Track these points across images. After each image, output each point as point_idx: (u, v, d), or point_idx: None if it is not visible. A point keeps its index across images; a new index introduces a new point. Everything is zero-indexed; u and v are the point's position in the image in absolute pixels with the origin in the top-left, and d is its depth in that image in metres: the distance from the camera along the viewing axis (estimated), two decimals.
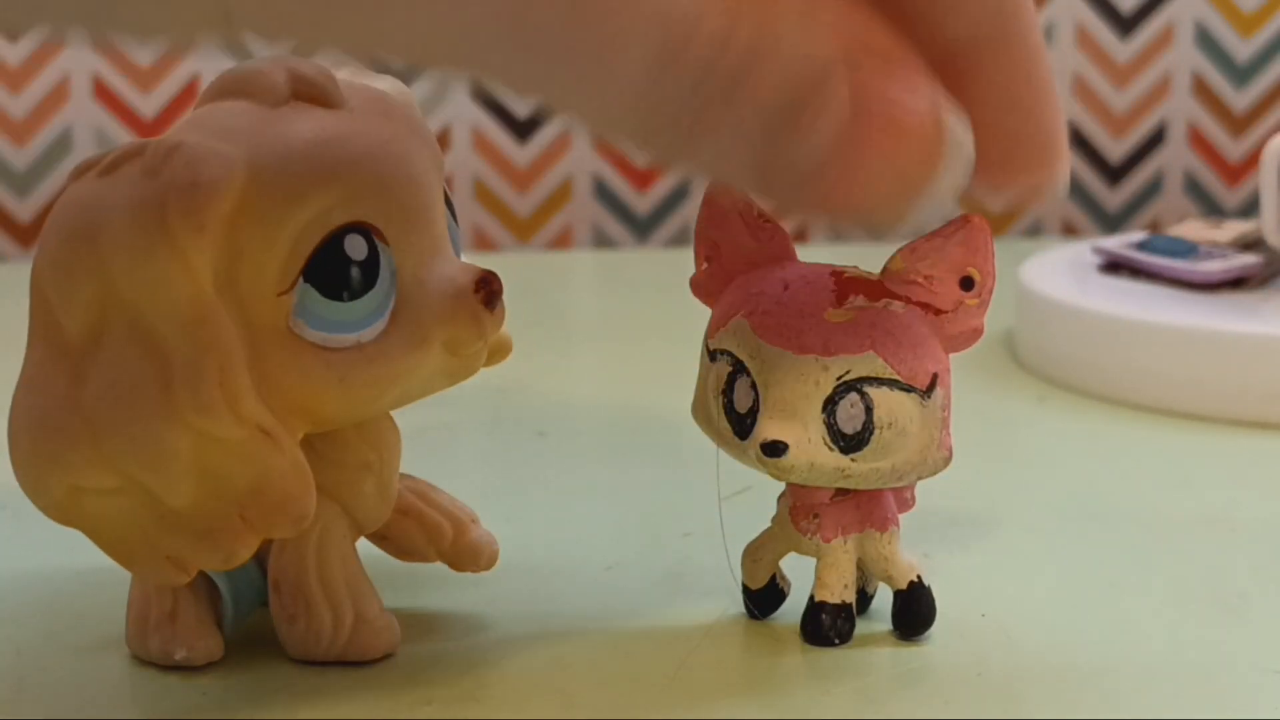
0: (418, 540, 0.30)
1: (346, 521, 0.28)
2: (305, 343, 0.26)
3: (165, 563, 0.26)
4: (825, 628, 0.29)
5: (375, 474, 0.28)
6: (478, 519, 0.31)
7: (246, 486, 0.25)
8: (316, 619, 0.28)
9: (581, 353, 0.56)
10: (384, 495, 0.29)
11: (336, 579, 0.28)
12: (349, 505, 0.28)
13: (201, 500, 0.25)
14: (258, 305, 0.25)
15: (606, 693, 0.27)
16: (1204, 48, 0.76)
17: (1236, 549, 0.35)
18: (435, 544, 0.30)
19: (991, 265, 0.28)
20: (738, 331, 0.28)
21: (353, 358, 0.26)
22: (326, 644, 0.28)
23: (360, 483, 0.28)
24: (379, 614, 0.28)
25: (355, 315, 0.26)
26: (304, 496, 0.26)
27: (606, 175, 0.75)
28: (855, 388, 0.27)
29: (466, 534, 0.30)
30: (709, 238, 0.29)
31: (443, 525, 0.30)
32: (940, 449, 0.28)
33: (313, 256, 0.26)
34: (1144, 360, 0.46)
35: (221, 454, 0.25)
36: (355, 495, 0.28)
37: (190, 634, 0.28)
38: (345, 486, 0.28)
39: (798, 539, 0.29)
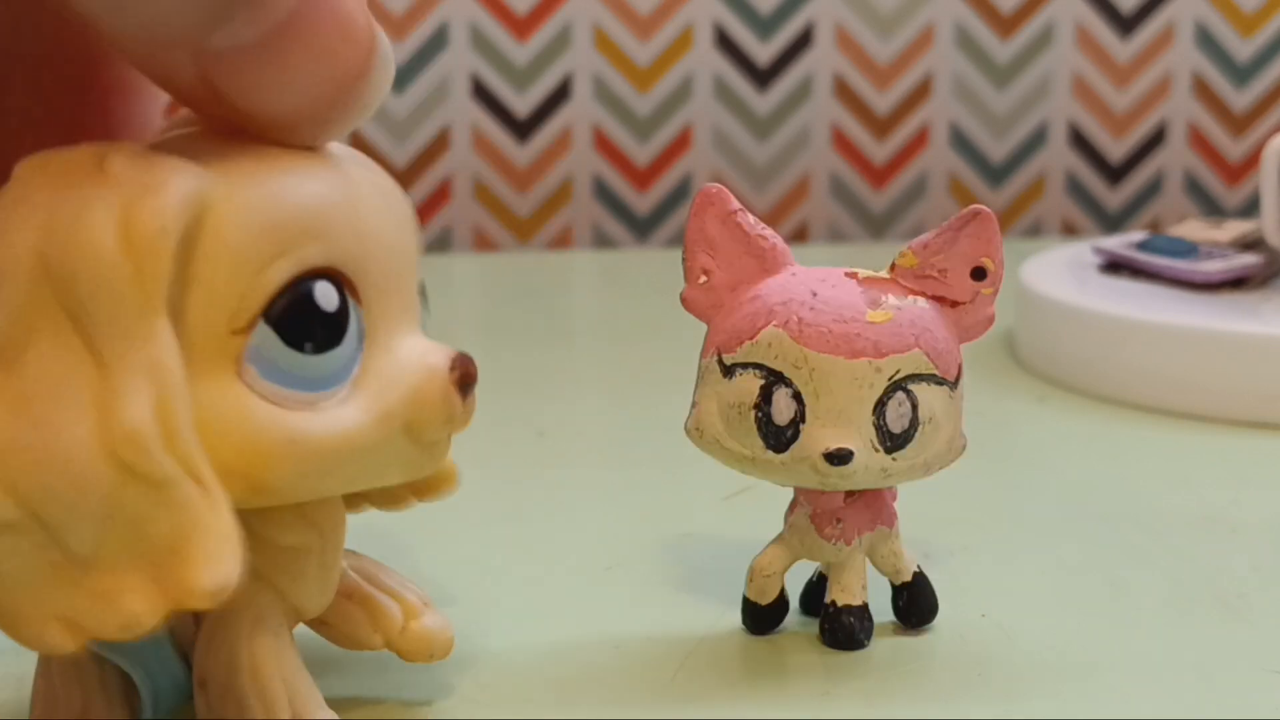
0: (363, 627, 0.27)
1: (283, 608, 0.25)
2: (255, 393, 0.22)
3: (53, 624, 0.21)
4: (854, 630, 0.29)
5: (317, 556, 0.25)
6: (430, 602, 0.27)
7: (164, 542, 0.21)
8: (248, 717, 0.24)
9: (581, 353, 0.56)
10: (326, 579, 0.25)
11: (271, 676, 0.24)
12: (287, 590, 0.25)
13: (108, 550, 0.21)
14: (205, 341, 0.22)
15: (606, 693, 0.27)
16: (1204, 48, 0.76)
17: (1236, 549, 0.35)
18: (383, 631, 0.27)
19: (1001, 254, 0.28)
20: (772, 343, 0.28)
21: (307, 420, 0.22)
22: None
23: (300, 566, 0.25)
24: (316, 712, 0.25)
25: (316, 372, 0.23)
26: (229, 564, 0.21)
27: (606, 175, 0.75)
28: (902, 386, 0.27)
29: (417, 620, 0.27)
30: (703, 250, 0.29)
31: (391, 611, 0.27)
32: (960, 438, 0.29)
33: (277, 296, 0.22)
34: (1144, 360, 0.46)
35: (143, 498, 0.21)
36: (294, 580, 0.25)
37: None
38: (283, 570, 0.25)
39: (819, 547, 0.29)
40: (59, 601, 0.21)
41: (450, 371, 0.24)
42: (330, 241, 0.23)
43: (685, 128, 0.75)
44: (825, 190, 0.76)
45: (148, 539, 0.21)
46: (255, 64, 0.21)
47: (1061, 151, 0.77)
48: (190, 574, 0.21)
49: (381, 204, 0.24)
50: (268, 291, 0.22)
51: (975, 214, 0.28)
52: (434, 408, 0.24)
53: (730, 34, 0.74)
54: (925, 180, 0.77)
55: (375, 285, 0.23)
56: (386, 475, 0.24)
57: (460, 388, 0.24)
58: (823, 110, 0.75)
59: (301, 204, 0.22)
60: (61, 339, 0.21)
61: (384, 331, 0.24)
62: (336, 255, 0.23)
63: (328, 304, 0.23)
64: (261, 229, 0.22)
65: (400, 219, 0.24)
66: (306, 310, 0.22)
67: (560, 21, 0.73)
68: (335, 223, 0.23)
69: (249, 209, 0.22)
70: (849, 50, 0.75)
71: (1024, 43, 0.76)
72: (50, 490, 0.21)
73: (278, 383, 0.22)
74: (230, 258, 0.22)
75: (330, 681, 0.28)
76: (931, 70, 0.76)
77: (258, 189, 0.22)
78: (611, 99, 0.74)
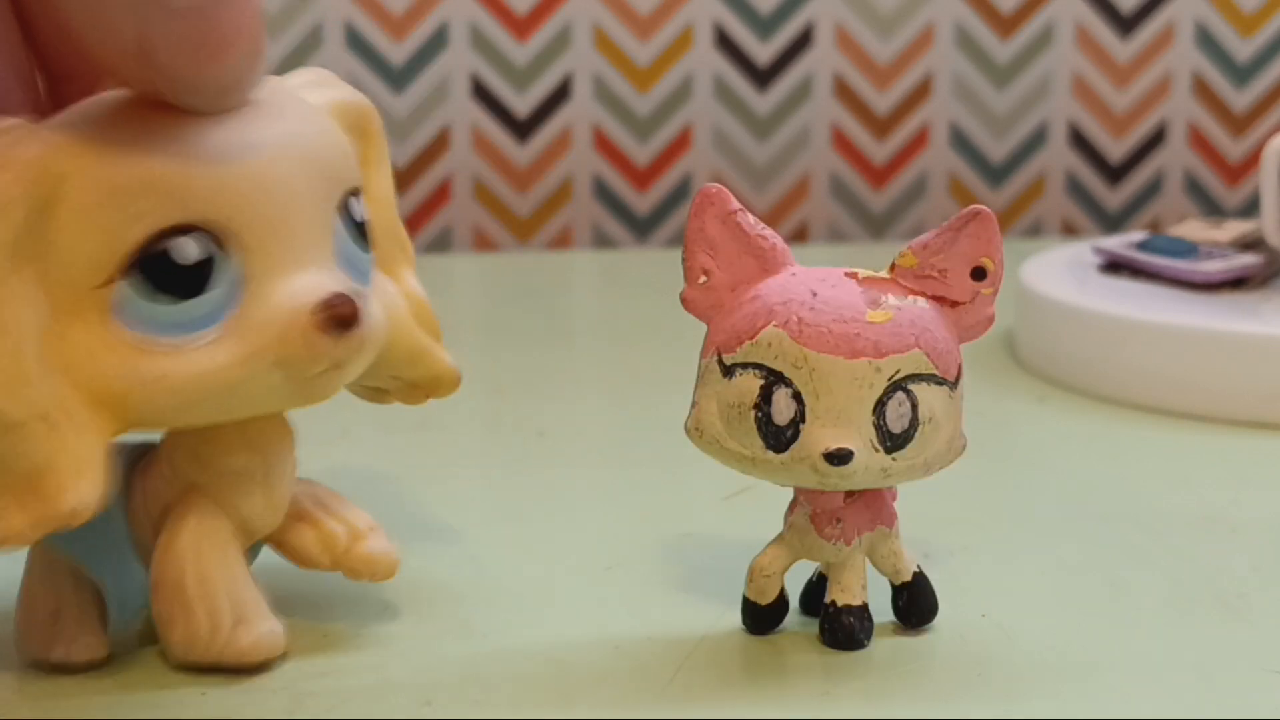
0: (312, 548, 0.29)
1: (230, 525, 0.28)
2: (121, 340, 0.25)
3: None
4: (855, 630, 0.29)
5: (259, 479, 0.28)
6: (377, 528, 0.30)
7: (22, 474, 0.24)
8: (193, 621, 0.27)
9: (581, 353, 0.56)
10: (271, 501, 0.28)
11: (215, 581, 0.27)
12: (234, 508, 0.28)
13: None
14: (70, 295, 0.25)
15: (606, 693, 0.27)
16: (1204, 48, 0.76)
17: (1236, 549, 0.35)
18: (330, 552, 0.29)
19: (1001, 254, 0.28)
20: (772, 343, 0.28)
21: (172, 362, 0.25)
22: (202, 648, 0.27)
23: (242, 486, 0.28)
24: (261, 619, 0.28)
25: (178, 318, 0.25)
26: (84, 489, 0.24)
27: (606, 175, 0.75)
28: (901, 386, 0.27)
29: (362, 543, 0.29)
30: (703, 250, 0.29)
31: (337, 533, 0.29)
32: (960, 438, 0.29)
33: (134, 253, 0.25)
34: (1144, 360, 0.46)
35: (1, 436, 0.24)
36: (239, 500, 0.28)
37: (70, 633, 0.28)
38: (226, 491, 0.28)
39: (819, 547, 0.29)
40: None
41: (317, 310, 0.26)
42: (194, 199, 0.25)
43: (685, 128, 0.75)
44: (825, 190, 0.76)
45: (10, 470, 0.24)
46: (193, 28, 0.24)
47: (1061, 151, 0.77)
48: (48, 501, 0.24)
49: (270, 158, 0.26)
50: (123, 250, 0.25)
51: (975, 214, 0.28)
52: (297, 346, 0.26)
53: (730, 34, 0.74)
54: (925, 180, 0.77)
55: (255, 234, 0.25)
56: (265, 406, 0.27)
57: (331, 328, 0.26)
58: (823, 110, 0.75)
59: (163, 166, 0.25)
60: None
61: (266, 274, 0.26)
62: (200, 212, 0.25)
63: (185, 257, 0.25)
64: (117, 193, 0.25)
65: (291, 171, 0.26)
66: (162, 265, 0.25)
67: (560, 21, 0.73)
68: (203, 181, 0.25)
69: (107, 175, 0.25)
70: (849, 50, 0.75)
71: (1024, 43, 0.76)
72: None
73: (141, 330, 0.25)
74: (83, 222, 0.24)
75: (332, 673, 0.28)
76: (931, 70, 0.76)
77: (122, 154, 0.25)
78: (611, 99, 0.74)
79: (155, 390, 0.25)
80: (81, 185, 0.25)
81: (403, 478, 0.39)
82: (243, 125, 0.26)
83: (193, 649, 0.27)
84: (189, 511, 0.27)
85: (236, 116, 0.26)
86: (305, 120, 0.27)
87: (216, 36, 0.24)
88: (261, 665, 0.28)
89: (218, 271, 0.25)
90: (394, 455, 0.41)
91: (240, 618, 0.27)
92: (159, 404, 0.25)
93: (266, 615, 0.28)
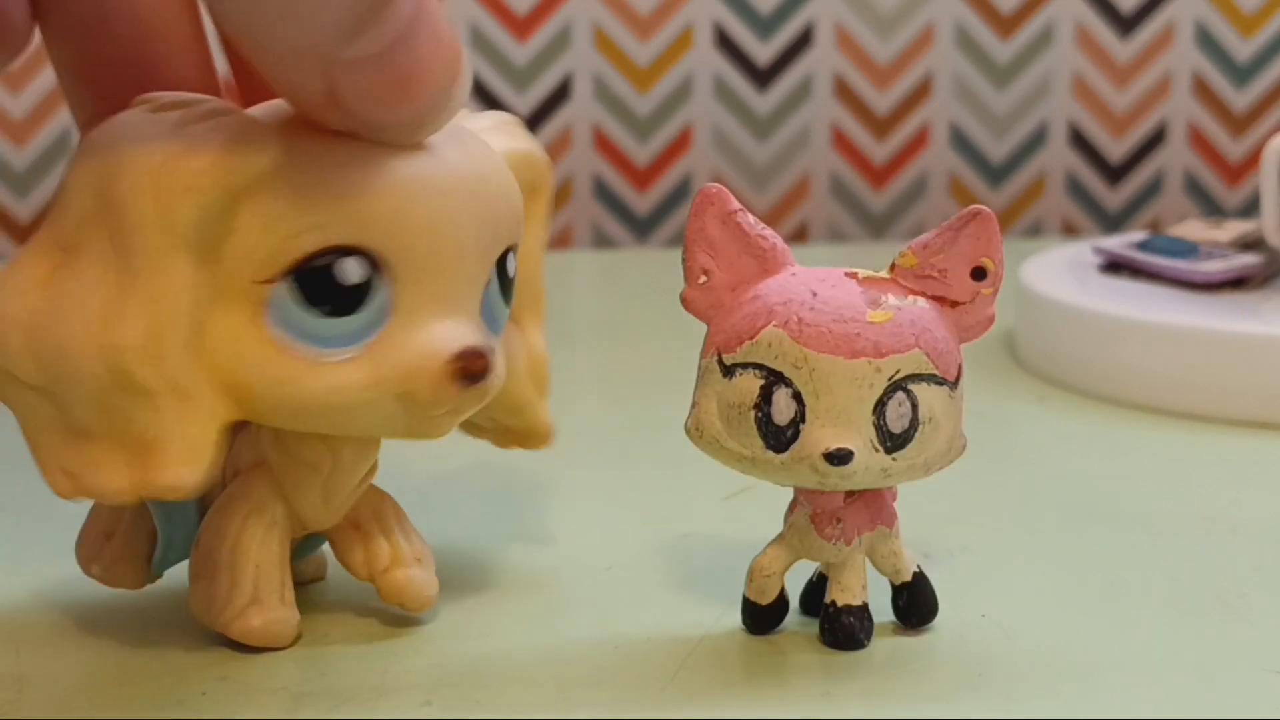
0: (356, 557, 0.30)
1: (283, 510, 0.29)
2: (265, 337, 0.26)
3: (59, 473, 0.26)
4: (855, 630, 0.29)
5: (323, 477, 0.29)
6: (425, 560, 0.30)
7: (140, 438, 0.25)
8: (214, 585, 0.28)
9: (581, 353, 0.56)
10: (329, 501, 0.29)
11: (246, 557, 0.28)
12: (290, 496, 0.29)
13: (99, 431, 0.26)
14: (234, 282, 0.26)
15: (606, 693, 0.27)
16: (1204, 48, 0.77)
17: (1236, 549, 0.35)
18: (369, 567, 0.30)
19: (1001, 254, 0.28)
20: (773, 343, 0.28)
21: (307, 370, 0.26)
22: (215, 613, 0.28)
23: (306, 480, 0.29)
24: (276, 606, 0.28)
25: (325, 332, 0.26)
26: (188, 470, 0.26)
27: (606, 175, 0.75)
28: (901, 386, 0.27)
29: (401, 570, 0.30)
30: (703, 250, 0.29)
31: (381, 553, 0.30)
32: (960, 438, 0.29)
33: (302, 262, 0.26)
34: (1144, 360, 0.46)
35: (129, 398, 0.25)
36: (298, 490, 0.29)
37: (114, 558, 0.29)
38: (290, 478, 0.29)
39: (819, 546, 0.29)
40: (63, 456, 0.26)
41: (451, 360, 0.26)
42: (365, 224, 0.26)
43: (685, 128, 0.75)
44: (825, 190, 0.76)
45: (130, 432, 0.25)
46: (375, 73, 0.25)
47: (1061, 151, 0.77)
48: (155, 468, 0.25)
49: (445, 201, 0.27)
50: (294, 255, 0.26)
51: (975, 214, 0.28)
52: (425, 387, 0.26)
53: (730, 34, 0.74)
54: (925, 180, 0.77)
55: (415, 268, 0.26)
56: (379, 431, 0.28)
57: (460, 378, 0.26)
58: (823, 110, 0.75)
59: (346, 187, 0.26)
60: (103, 254, 0.25)
61: (415, 310, 0.27)
62: (370, 237, 0.26)
63: (348, 277, 0.26)
64: (301, 201, 0.26)
65: (462, 218, 0.27)
66: (325, 279, 0.26)
67: (560, 21, 0.73)
68: (377, 209, 0.26)
69: (297, 182, 0.26)
70: (849, 50, 0.75)
71: (1024, 43, 0.76)
72: (59, 372, 0.25)
73: (287, 334, 0.26)
74: (267, 220, 0.26)
75: (332, 673, 0.28)
76: (931, 70, 0.76)
77: (313, 167, 0.26)
78: (611, 99, 0.74)
79: (283, 392, 0.26)
80: (271, 187, 0.26)
81: (402, 478, 0.39)
82: (426, 162, 0.27)
83: (206, 611, 0.28)
84: (252, 483, 0.29)
85: (422, 151, 0.27)
86: (488, 170, 0.28)
87: (402, 78, 0.25)
88: (262, 650, 0.29)
89: (371, 296, 0.26)
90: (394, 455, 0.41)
91: (258, 598, 0.28)
92: (281, 406, 0.26)
93: (286, 604, 0.29)
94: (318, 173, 0.26)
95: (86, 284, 0.25)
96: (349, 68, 0.24)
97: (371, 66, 0.24)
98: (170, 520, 0.29)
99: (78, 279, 0.25)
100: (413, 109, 0.25)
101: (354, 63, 0.24)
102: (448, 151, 0.27)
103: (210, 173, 0.25)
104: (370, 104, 0.25)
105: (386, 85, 0.25)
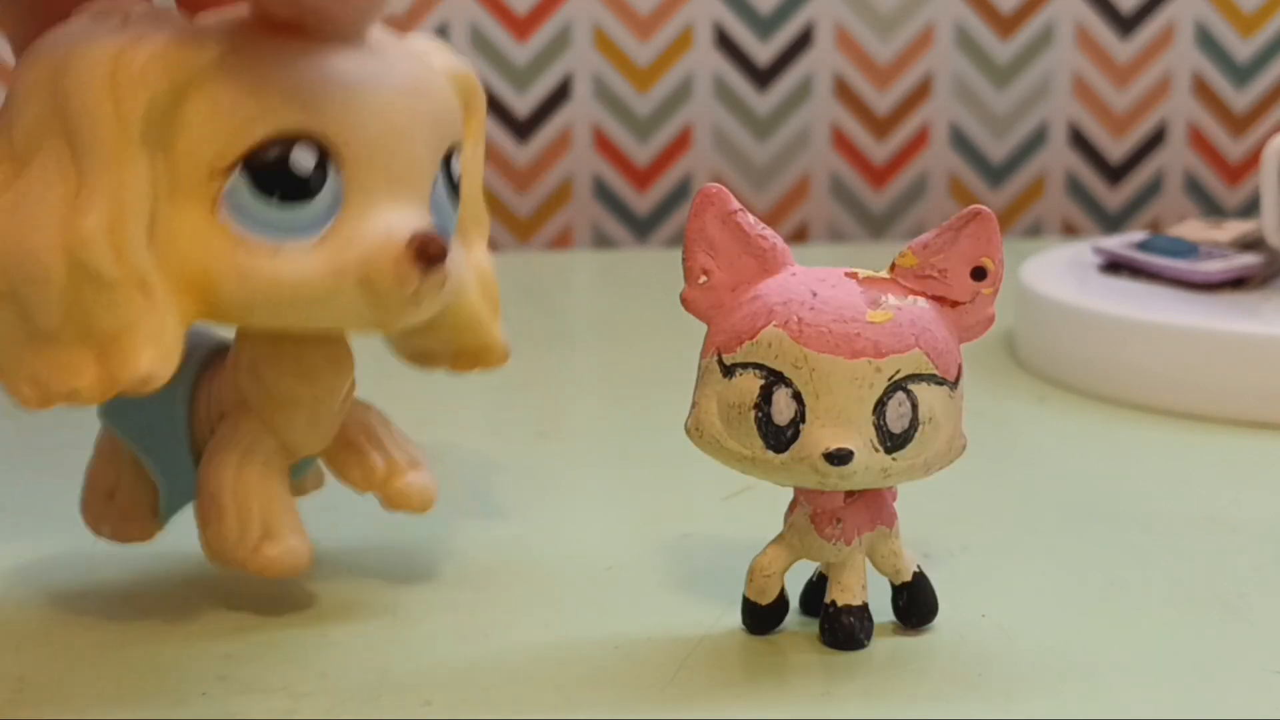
0: (354, 474, 0.31)
1: (274, 444, 0.29)
2: (224, 230, 0.26)
3: (25, 382, 0.26)
4: (855, 630, 0.29)
5: (308, 406, 0.29)
6: (419, 463, 0.31)
7: (107, 332, 0.26)
8: (225, 527, 0.29)
9: (581, 353, 0.56)
10: (316, 428, 0.30)
11: (249, 495, 0.29)
12: (278, 430, 0.29)
13: (65, 332, 0.26)
14: (187, 178, 0.26)
15: (606, 693, 0.27)
16: (1204, 48, 0.76)
17: (1236, 549, 0.35)
18: (368, 482, 0.31)
19: (1001, 254, 0.28)
20: (773, 343, 0.28)
21: (269, 260, 0.27)
22: (229, 552, 0.29)
23: (289, 412, 0.29)
24: (288, 535, 0.29)
25: (282, 221, 0.27)
26: (158, 360, 0.26)
27: (606, 175, 0.75)
28: (901, 386, 0.27)
29: (400, 478, 0.31)
30: (703, 250, 0.29)
31: (376, 466, 0.31)
32: (960, 438, 0.29)
33: (254, 151, 0.26)
34: (1144, 360, 0.46)
35: (91, 292, 0.25)
36: (285, 421, 0.29)
37: (121, 514, 0.30)
38: (276, 411, 0.29)
39: (819, 546, 0.29)
40: (29, 364, 0.26)
41: (409, 243, 0.27)
42: (314, 112, 0.26)
43: (685, 128, 0.75)
44: (825, 190, 0.76)
45: (95, 327, 0.26)
46: None
47: (1061, 151, 0.77)
48: (123, 362, 0.26)
49: (391, 90, 0.27)
50: (246, 144, 0.26)
51: (975, 214, 0.28)
52: (385, 271, 0.27)
53: (730, 34, 0.74)
54: (925, 180, 0.77)
55: (363, 158, 0.27)
56: (341, 322, 0.28)
57: (418, 260, 0.27)
58: (823, 110, 0.75)
59: (294, 78, 0.26)
60: (57, 155, 0.26)
61: (365, 199, 0.27)
62: (319, 125, 0.26)
63: (301, 165, 0.26)
64: (249, 93, 0.26)
65: (409, 108, 0.28)
66: (278, 166, 0.26)
67: (560, 21, 0.73)
68: (326, 98, 0.26)
69: (243, 75, 0.26)
70: (849, 50, 0.75)
71: (1024, 43, 0.76)
72: (24, 274, 0.25)
73: (245, 226, 0.26)
74: (214, 111, 0.26)
75: (332, 673, 0.28)
76: (931, 70, 0.76)
77: (258, 61, 0.26)
78: (611, 99, 0.74)
79: (247, 284, 0.26)
80: (218, 79, 0.26)
81: None
82: (368, 58, 0.28)
83: (221, 552, 0.29)
84: (239, 423, 0.29)
85: (363, 49, 0.28)
86: (424, 70, 0.29)
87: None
88: (283, 576, 0.29)
89: (324, 185, 0.27)
90: None
91: (269, 531, 0.29)
92: (246, 298, 0.26)
93: (296, 531, 0.29)
94: (265, 66, 0.26)
95: (44, 185, 0.26)
96: None
97: None
98: (166, 469, 0.30)
99: (33, 182, 0.26)
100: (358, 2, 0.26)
101: None
102: (389, 51, 0.28)
103: (159, 63, 0.26)
104: None
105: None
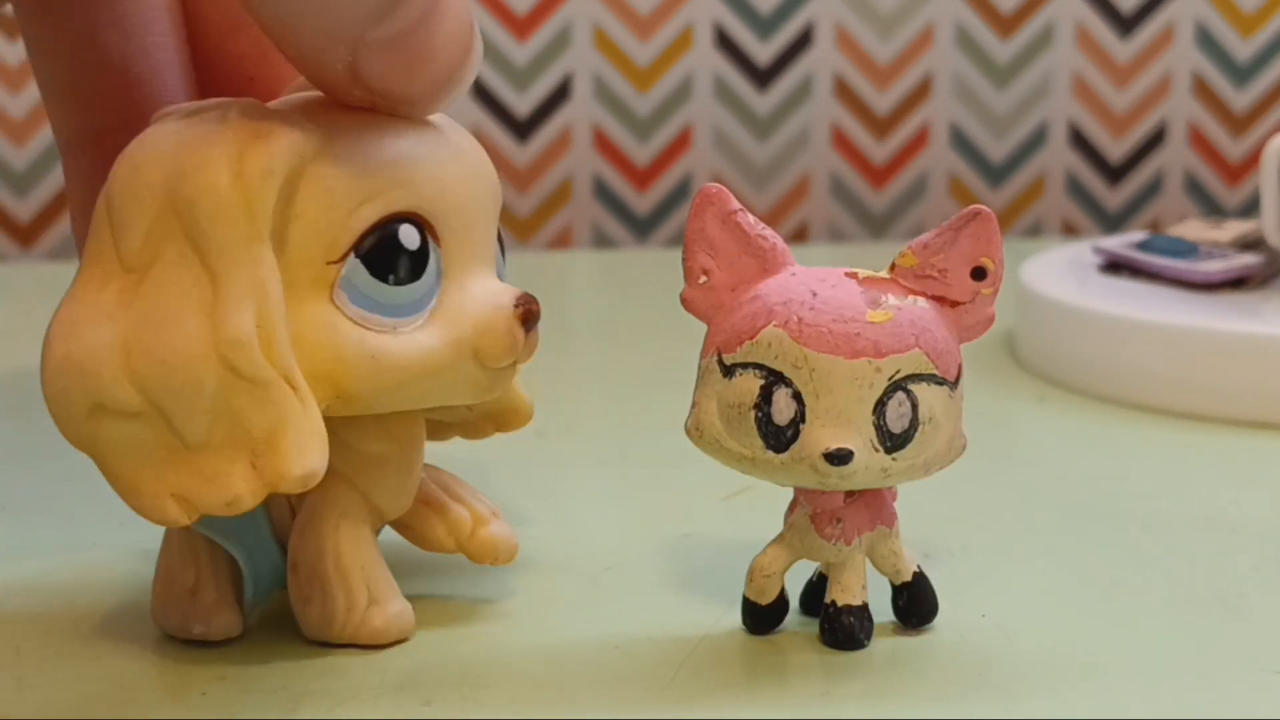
0: (438, 531, 0.31)
1: (366, 508, 0.29)
2: (344, 316, 0.27)
3: (169, 500, 0.26)
4: (855, 631, 0.29)
5: (394, 465, 0.29)
6: (499, 513, 0.31)
7: (262, 434, 0.25)
8: (330, 601, 0.28)
9: (581, 353, 0.56)
10: (404, 486, 0.30)
11: (351, 563, 0.29)
12: (369, 492, 0.29)
13: (216, 439, 0.25)
14: (303, 269, 0.26)
15: (606, 693, 0.27)
16: (1204, 48, 0.76)
17: (1236, 549, 0.35)
18: (455, 536, 0.31)
19: (1001, 254, 0.28)
20: (773, 343, 0.28)
21: (391, 341, 0.27)
22: (339, 626, 0.29)
23: (379, 472, 0.29)
24: (393, 600, 0.29)
25: (397, 301, 0.27)
26: (316, 456, 0.26)
27: (606, 175, 0.75)
28: (901, 386, 0.27)
29: (485, 528, 0.31)
30: (703, 250, 0.29)
31: (463, 519, 0.31)
32: (960, 438, 0.29)
33: (366, 234, 0.27)
34: (1144, 360, 0.46)
35: (245, 395, 0.25)
36: (375, 484, 0.29)
37: (209, 610, 0.29)
38: (364, 474, 0.29)
39: (819, 547, 0.29)
40: (174, 480, 0.25)
41: (515, 307, 0.28)
42: (415, 190, 0.27)
43: (685, 128, 0.75)
44: (825, 190, 0.76)
45: (248, 431, 0.25)
46: (398, 52, 0.26)
47: (1061, 151, 0.77)
48: (283, 462, 0.25)
49: (465, 163, 0.28)
50: (359, 229, 0.26)
51: (975, 214, 0.28)
52: (498, 337, 0.28)
53: (730, 34, 0.74)
54: (925, 180, 0.77)
55: (454, 230, 0.28)
56: (456, 395, 0.28)
57: (523, 322, 0.28)
58: (823, 110, 0.75)
59: (391, 157, 0.27)
60: (182, 260, 0.25)
61: (460, 271, 0.28)
62: (420, 202, 0.27)
63: (410, 243, 0.27)
64: (355, 175, 0.26)
65: (479, 178, 0.28)
66: (392, 247, 0.27)
67: (560, 21, 0.73)
68: (420, 175, 0.27)
69: (346, 158, 0.26)
70: (849, 50, 0.75)
71: (1024, 43, 0.76)
72: (170, 387, 0.25)
73: (364, 308, 0.27)
74: (328, 198, 0.26)
75: (332, 673, 0.28)
76: (931, 70, 0.76)
77: (355, 142, 0.27)
78: (611, 99, 0.74)
79: (374, 366, 0.27)
80: (326, 165, 0.26)
81: None
82: (436, 132, 0.28)
83: (329, 628, 0.29)
84: (328, 494, 0.29)
85: (436, 125, 0.28)
86: (472, 139, 0.29)
87: (426, 52, 0.26)
88: (393, 644, 0.29)
89: (429, 261, 0.27)
90: None
91: (374, 598, 0.29)
92: (373, 381, 0.27)
93: (397, 596, 0.29)
94: (364, 147, 0.27)
95: (177, 292, 0.25)
96: (374, 47, 0.25)
97: (395, 46, 0.26)
98: (252, 553, 0.29)
99: (162, 290, 0.25)
100: (431, 83, 0.27)
101: (379, 42, 0.25)
102: (445, 125, 0.28)
103: (283, 155, 0.26)
104: (392, 80, 0.26)
105: (408, 62, 0.26)
